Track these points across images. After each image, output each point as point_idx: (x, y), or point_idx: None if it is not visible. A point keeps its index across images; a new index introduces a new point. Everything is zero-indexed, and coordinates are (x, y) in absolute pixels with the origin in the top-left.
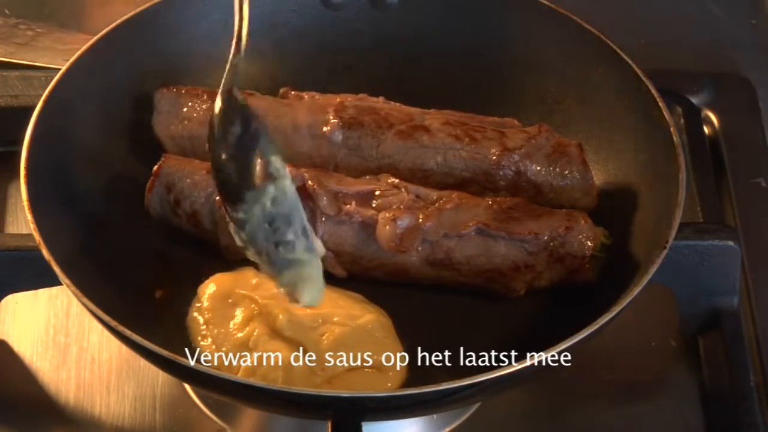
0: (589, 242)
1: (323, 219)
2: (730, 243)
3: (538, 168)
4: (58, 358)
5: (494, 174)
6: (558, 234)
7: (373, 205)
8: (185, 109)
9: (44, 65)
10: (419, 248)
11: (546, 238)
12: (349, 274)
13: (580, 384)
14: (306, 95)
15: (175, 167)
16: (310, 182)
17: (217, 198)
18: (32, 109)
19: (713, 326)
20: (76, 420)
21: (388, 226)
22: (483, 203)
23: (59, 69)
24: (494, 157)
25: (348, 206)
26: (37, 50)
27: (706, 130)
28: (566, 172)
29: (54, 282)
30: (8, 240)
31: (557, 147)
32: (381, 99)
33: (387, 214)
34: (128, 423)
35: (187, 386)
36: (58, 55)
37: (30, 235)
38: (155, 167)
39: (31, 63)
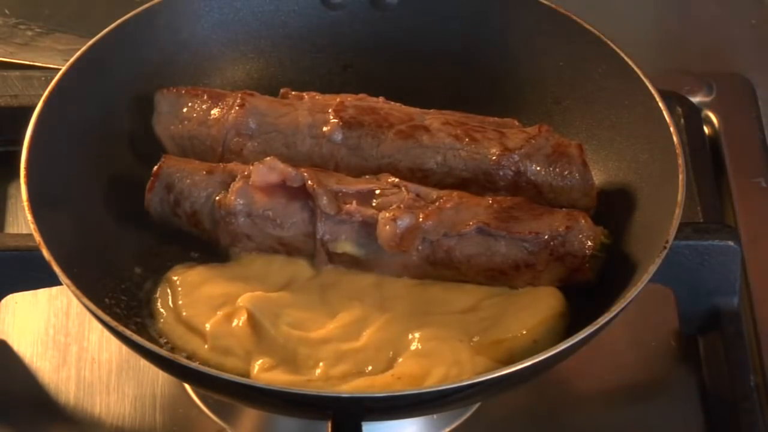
0: (589, 242)
1: (323, 218)
2: (730, 243)
3: (538, 168)
4: (58, 358)
5: (494, 174)
6: (558, 233)
7: (374, 204)
8: (185, 110)
9: (44, 65)
10: (419, 247)
11: (546, 237)
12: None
13: (580, 384)
14: (306, 95)
15: (175, 168)
16: (309, 182)
17: (217, 198)
18: (32, 109)
19: (713, 326)
20: (76, 420)
21: (388, 226)
22: (483, 202)
23: (59, 69)
24: (494, 158)
25: (348, 205)
26: (37, 50)
27: (706, 130)
28: (566, 172)
29: (54, 282)
30: (8, 240)
31: (557, 147)
32: (381, 99)
33: (387, 214)
34: (128, 423)
35: (187, 386)
36: (58, 55)
37: (30, 235)
38: (155, 168)
39: (31, 63)
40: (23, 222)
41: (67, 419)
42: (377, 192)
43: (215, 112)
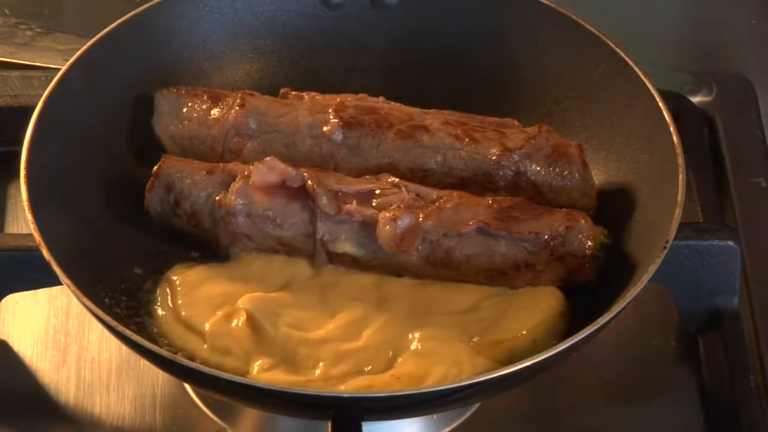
0: (589, 241)
1: (323, 218)
2: (730, 243)
3: (538, 168)
4: (58, 358)
5: (494, 174)
6: (558, 233)
7: (374, 204)
8: (185, 110)
9: (44, 65)
10: (419, 247)
11: (546, 237)
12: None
13: (580, 384)
14: (306, 95)
15: (175, 167)
16: (309, 182)
17: (217, 198)
18: (32, 109)
19: (713, 326)
20: (76, 420)
21: (388, 226)
22: (483, 202)
23: (59, 69)
24: (494, 158)
25: (348, 205)
26: (37, 50)
27: (706, 130)
28: (566, 172)
29: (54, 282)
30: (8, 240)
31: (557, 148)
32: (381, 99)
33: (387, 214)
34: (128, 423)
35: (187, 386)
36: (57, 55)
37: (30, 235)
38: (155, 168)
39: (31, 63)
40: (23, 222)
41: (67, 419)
42: (377, 192)
43: (215, 112)
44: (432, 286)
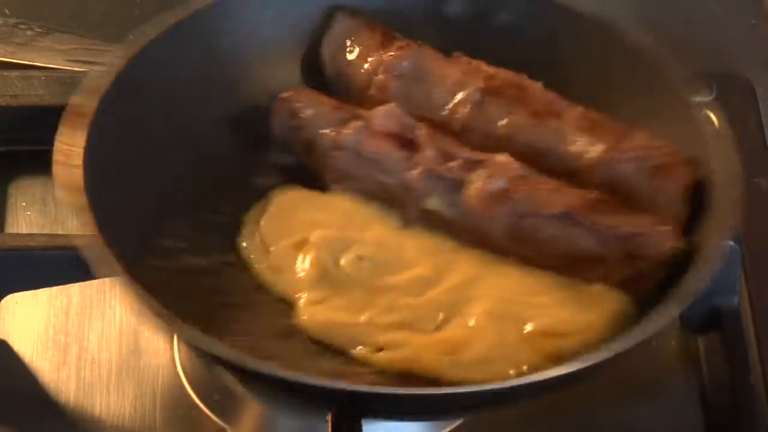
0: (667, 249)
1: (424, 173)
2: (730, 243)
3: (638, 178)
4: (58, 358)
5: (595, 171)
6: (638, 233)
7: (475, 172)
8: (355, 38)
9: (44, 65)
10: (503, 217)
11: (627, 232)
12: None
13: (579, 384)
14: (473, 61)
15: (303, 95)
16: (423, 136)
17: (332, 132)
18: (32, 108)
19: (713, 326)
20: (76, 420)
21: (477, 185)
22: (578, 192)
23: (59, 69)
24: (600, 154)
25: (450, 164)
26: (37, 50)
27: None
28: (664, 191)
29: (54, 282)
30: (8, 240)
31: (667, 167)
32: (539, 84)
33: (482, 175)
34: (128, 423)
35: (187, 386)
36: (57, 55)
37: (30, 235)
38: (285, 93)
39: (31, 63)
40: (23, 222)
41: (67, 419)
42: (484, 162)
43: (378, 48)
44: (507, 264)
